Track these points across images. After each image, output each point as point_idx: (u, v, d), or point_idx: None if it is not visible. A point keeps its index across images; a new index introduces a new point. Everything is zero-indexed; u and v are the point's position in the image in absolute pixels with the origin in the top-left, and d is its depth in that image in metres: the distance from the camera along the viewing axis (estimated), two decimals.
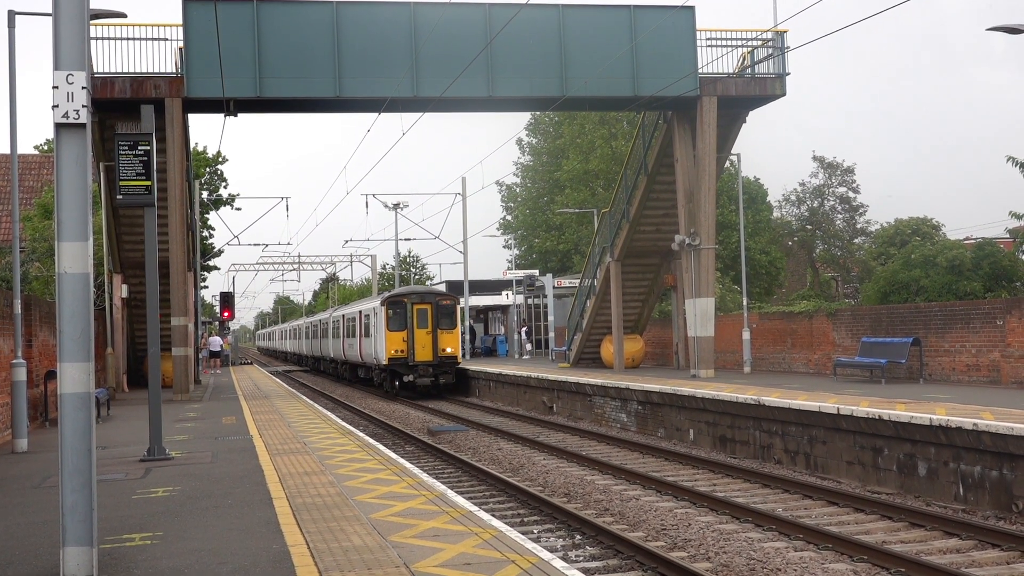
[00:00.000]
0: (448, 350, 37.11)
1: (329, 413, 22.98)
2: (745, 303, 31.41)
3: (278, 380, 42.68)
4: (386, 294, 38.96)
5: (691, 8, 28.78)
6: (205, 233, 53.86)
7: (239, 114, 28.41)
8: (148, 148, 14.29)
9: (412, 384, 36.51)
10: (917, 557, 10.91)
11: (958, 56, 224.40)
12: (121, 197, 14.54)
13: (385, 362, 36.84)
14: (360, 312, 42.54)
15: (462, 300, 39.50)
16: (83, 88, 7.59)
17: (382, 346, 37.00)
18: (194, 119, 35.93)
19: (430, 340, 36.76)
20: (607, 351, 34.96)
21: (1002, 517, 13.16)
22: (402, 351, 36.66)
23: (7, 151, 29.21)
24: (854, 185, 61.45)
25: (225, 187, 56.20)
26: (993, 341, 22.49)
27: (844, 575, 10.52)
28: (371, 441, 16.79)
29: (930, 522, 12.81)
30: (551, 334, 47.72)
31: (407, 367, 36.52)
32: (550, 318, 47.90)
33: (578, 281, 40.10)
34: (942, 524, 12.63)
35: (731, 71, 29.37)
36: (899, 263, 33.97)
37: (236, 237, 51.84)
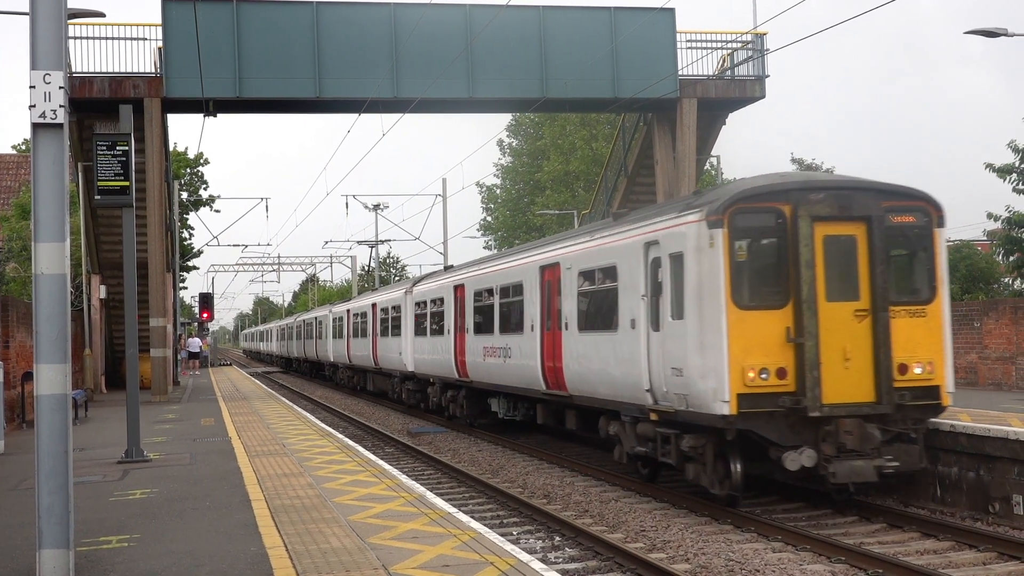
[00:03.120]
0: (917, 369, 13.05)
1: (308, 415, 22.90)
2: None
3: (257, 381, 42.52)
4: (721, 193, 13.29)
5: (671, 10, 28.89)
6: (184, 234, 53.61)
7: (218, 114, 28.33)
8: (126, 148, 14.24)
9: (815, 475, 12.57)
10: (895, 558, 10.97)
11: (937, 59, 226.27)
12: (99, 197, 14.50)
13: (727, 408, 12.31)
14: (560, 266, 17.64)
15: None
16: (60, 88, 7.54)
17: (720, 355, 12.47)
18: (173, 118, 35.70)
19: (867, 336, 12.85)
20: None
21: (979, 518, 13.24)
22: (782, 371, 12.46)
23: None
24: None
25: (205, 188, 56.01)
26: (970, 343, 22.63)
27: None
28: (350, 443, 16.76)
29: (907, 523, 12.87)
30: None
31: (798, 423, 12.47)
32: None
33: None
34: (919, 525, 12.70)
35: (711, 73, 29.48)
36: None
37: (215, 238, 51.69)
